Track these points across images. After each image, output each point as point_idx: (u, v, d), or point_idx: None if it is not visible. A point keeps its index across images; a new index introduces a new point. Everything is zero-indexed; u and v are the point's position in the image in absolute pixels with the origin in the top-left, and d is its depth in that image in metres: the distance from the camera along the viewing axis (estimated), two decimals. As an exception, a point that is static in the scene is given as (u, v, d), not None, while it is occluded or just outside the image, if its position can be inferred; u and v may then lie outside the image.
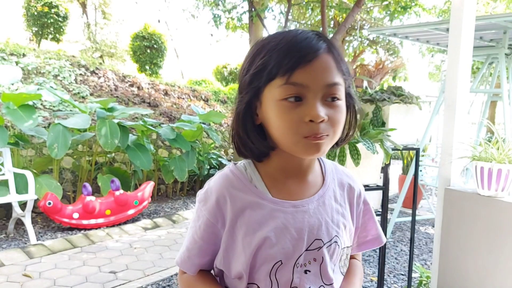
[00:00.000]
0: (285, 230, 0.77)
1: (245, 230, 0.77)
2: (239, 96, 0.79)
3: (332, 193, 0.85)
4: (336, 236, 0.81)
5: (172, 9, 26.91)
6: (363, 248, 0.95)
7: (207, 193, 0.82)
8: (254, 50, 0.77)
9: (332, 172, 0.88)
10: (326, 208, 0.82)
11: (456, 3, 2.34)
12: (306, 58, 0.71)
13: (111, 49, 12.67)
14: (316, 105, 0.70)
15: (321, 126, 0.71)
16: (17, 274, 3.26)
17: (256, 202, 0.78)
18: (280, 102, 0.72)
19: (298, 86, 0.70)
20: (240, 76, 0.79)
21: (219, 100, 10.00)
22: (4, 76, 4.79)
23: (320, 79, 0.71)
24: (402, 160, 6.27)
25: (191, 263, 0.85)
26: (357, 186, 0.91)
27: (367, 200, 0.94)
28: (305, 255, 0.78)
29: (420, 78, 18.23)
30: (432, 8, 9.82)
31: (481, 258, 2.20)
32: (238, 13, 7.85)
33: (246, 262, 0.77)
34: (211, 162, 6.52)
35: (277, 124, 0.73)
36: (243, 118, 0.78)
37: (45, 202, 4.08)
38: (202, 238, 0.82)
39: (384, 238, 0.95)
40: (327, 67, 0.73)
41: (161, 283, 3.18)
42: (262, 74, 0.73)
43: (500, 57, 4.17)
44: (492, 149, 2.13)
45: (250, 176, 0.82)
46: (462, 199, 2.29)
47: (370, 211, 0.94)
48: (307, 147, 0.72)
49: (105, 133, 4.50)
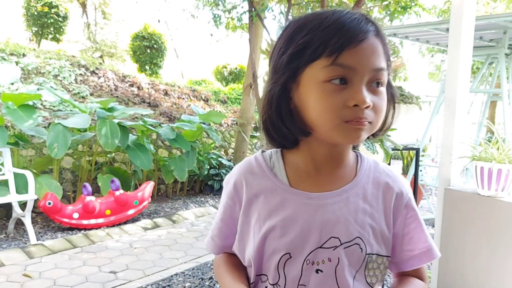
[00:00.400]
0: (295, 221, 0.73)
1: (257, 216, 0.76)
2: (274, 77, 0.74)
3: (362, 191, 0.77)
4: (358, 238, 0.73)
5: (172, 9, 26.90)
6: (410, 265, 0.80)
7: (228, 177, 0.83)
8: (292, 29, 0.72)
9: (369, 169, 0.80)
10: (349, 205, 0.74)
11: (456, 3, 2.34)
12: (356, 39, 0.66)
13: (111, 49, 12.67)
14: (362, 90, 0.66)
15: (365, 112, 0.67)
16: (17, 274, 3.26)
17: (271, 189, 0.76)
18: (323, 83, 0.67)
19: (346, 68, 0.66)
20: (275, 57, 0.74)
21: (219, 100, 10.00)
22: (3, 75, 4.80)
23: (368, 62, 0.67)
24: (402, 160, 6.27)
25: (214, 244, 0.86)
26: (398, 187, 0.80)
27: (413, 206, 0.81)
28: (318, 253, 0.72)
29: (420, 78, 18.24)
30: (432, 8, 9.81)
31: (481, 258, 2.20)
32: (238, 13, 7.84)
33: (254, 250, 0.75)
34: (211, 162, 6.52)
35: (318, 107, 0.68)
36: (277, 101, 0.73)
37: (45, 202, 4.08)
38: (222, 220, 0.83)
39: (436, 252, 0.80)
40: (376, 50, 0.68)
41: (161, 283, 3.18)
42: (303, 53, 0.68)
43: (500, 57, 4.17)
44: (492, 149, 2.13)
45: (273, 164, 0.80)
46: (462, 199, 2.29)
47: (417, 219, 0.80)
48: (348, 132, 0.68)
49: (105, 133, 4.50)
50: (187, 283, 3.18)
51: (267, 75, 0.79)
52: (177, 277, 3.30)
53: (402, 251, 0.79)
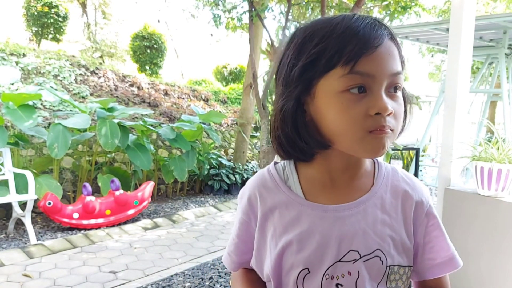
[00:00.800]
0: (312, 235, 0.70)
1: (272, 231, 0.73)
2: (285, 91, 0.70)
3: (380, 201, 0.74)
4: (378, 250, 0.70)
5: (172, 9, 26.90)
6: (432, 274, 0.77)
7: (242, 191, 0.80)
8: (301, 38, 0.68)
9: (387, 177, 0.77)
10: (367, 217, 0.72)
11: (456, 3, 2.34)
12: (372, 44, 0.63)
13: (111, 49, 12.67)
14: (383, 97, 0.64)
15: (387, 119, 0.64)
16: (17, 274, 3.26)
17: (286, 203, 0.74)
18: (341, 94, 0.64)
19: (364, 75, 0.63)
20: (284, 70, 0.71)
21: (219, 100, 10.00)
22: (3, 77, 4.80)
23: (385, 68, 0.64)
24: (402, 160, 6.26)
25: (230, 260, 0.84)
26: (418, 195, 0.77)
27: (434, 214, 0.78)
28: (337, 267, 0.69)
29: (420, 78, 18.25)
30: (432, 8, 9.82)
31: (481, 258, 2.20)
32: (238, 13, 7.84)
33: (272, 265, 0.73)
34: (211, 162, 6.52)
35: (338, 119, 0.65)
36: (293, 116, 0.69)
37: (45, 202, 4.08)
38: (238, 235, 0.80)
39: (459, 261, 0.78)
40: (392, 54, 0.66)
41: (161, 283, 3.18)
42: (317, 63, 0.65)
43: (500, 57, 4.17)
44: (492, 149, 2.13)
45: (286, 177, 0.77)
46: (462, 199, 2.29)
47: (439, 227, 0.78)
48: (373, 143, 0.65)
49: (105, 133, 4.50)
50: (187, 283, 3.18)
51: (274, 86, 0.76)
52: (177, 277, 3.30)
53: (423, 260, 0.77)
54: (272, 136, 0.76)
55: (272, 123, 0.75)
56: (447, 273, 0.79)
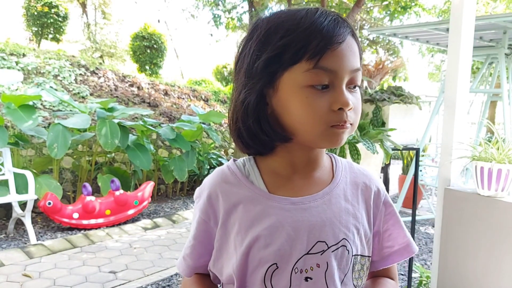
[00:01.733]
0: (281, 228, 0.69)
1: (237, 227, 0.71)
2: (248, 83, 0.69)
3: (342, 192, 0.75)
4: (344, 239, 0.71)
5: (172, 9, 26.93)
6: (391, 261, 0.80)
7: (200, 189, 0.77)
8: (265, 30, 0.68)
9: (345, 170, 0.79)
10: (332, 207, 0.72)
11: (456, 3, 2.34)
12: (335, 41, 0.64)
13: (111, 49, 12.68)
14: (345, 92, 0.66)
15: (348, 114, 0.66)
16: (17, 274, 3.26)
17: (250, 198, 0.72)
18: (305, 88, 0.65)
19: (327, 71, 0.64)
20: (247, 61, 0.70)
21: (219, 100, 10.00)
22: (6, 79, 4.80)
23: (347, 64, 0.66)
24: (402, 160, 6.27)
25: (186, 265, 0.80)
26: (375, 185, 0.80)
27: (390, 202, 0.81)
28: (306, 259, 0.69)
29: (420, 78, 18.27)
30: (432, 8, 9.83)
31: (481, 258, 2.20)
32: (238, 13, 7.86)
33: (237, 264, 0.69)
34: (211, 162, 6.52)
35: (301, 113, 0.66)
36: (255, 108, 0.69)
37: (45, 202, 4.08)
38: (195, 237, 0.76)
39: (415, 247, 0.80)
40: (353, 51, 0.67)
41: (161, 283, 3.18)
42: (282, 57, 0.65)
43: (500, 57, 4.17)
44: (492, 149, 2.13)
45: (247, 172, 0.75)
46: (462, 199, 2.29)
47: (395, 215, 0.80)
48: (332, 136, 0.67)
49: (105, 133, 4.50)
50: (187, 283, 3.18)
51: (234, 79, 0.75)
52: (176, 277, 3.30)
53: (382, 249, 0.79)
54: (231, 129, 0.75)
55: (232, 115, 0.74)
56: (404, 259, 0.81)
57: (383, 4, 7.98)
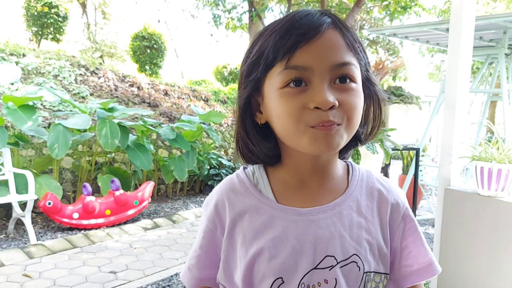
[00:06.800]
0: (285, 240, 0.65)
1: (242, 238, 0.68)
2: (238, 92, 0.69)
3: (355, 203, 0.70)
4: (355, 255, 0.66)
5: (172, 9, 26.93)
6: (411, 281, 0.72)
7: (209, 198, 0.75)
8: (253, 40, 0.68)
9: (362, 179, 0.73)
10: (343, 220, 0.68)
11: (456, 3, 2.34)
12: (306, 36, 0.60)
13: (111, 49, 12.68)
14: (323, 89, 0.60)
15: (331, 113, 0.60)
16: (17, 274, 3.26)
17: (256, 207, 0.69)
18: (281, 90, 0.62)
19: (300, 69, 0.60)
20: (240, 71, 0.70)
21: (219, 100, 10.00)
22: (3, 75, 4.79)
23: (325, 59, 0.61)
24: (402, 160, 6.26)
25: (191, 276, 0.75)
26: (393, 197, 0.73)
27: (411, 217, 0.74)
28: (313, 274, 0.65)
29: (420, 78, 18.25)
30: (432, 8, 9.83)
31: (481, 258, 2.20)
32: (238, 13, 7.86)
33: (242, 277, 0.66)
34: (211, 162, 6.52)
35: (279, 115, 0.63)
36: (242, 116, 0.68)
37: (45, 202, 4.08)
38: (201, 247, 0.73)
39: (437, 267, 0.73)
40: (334, 44, 0.62)
41: (161, 283, 3.18)
42: (259, 62, 0.63)
43: (500, 57, 4.17)
44: (492, 149, 2.13)
45: (256, 180, 0.72)
46: (462, 199, 2.29)
47: (416, 231, 0.74)
48: (315, 138, 0.61)
49: (105, 133, 4.50)
50: (187, 283, 3.18)
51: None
52: (177, 277, 3.30)
53: (400, 268, 0.72)
54: (235, 139, 0.73)
55: (235, 126, 0.72)
56: (425, 280, 0.74)
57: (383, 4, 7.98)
